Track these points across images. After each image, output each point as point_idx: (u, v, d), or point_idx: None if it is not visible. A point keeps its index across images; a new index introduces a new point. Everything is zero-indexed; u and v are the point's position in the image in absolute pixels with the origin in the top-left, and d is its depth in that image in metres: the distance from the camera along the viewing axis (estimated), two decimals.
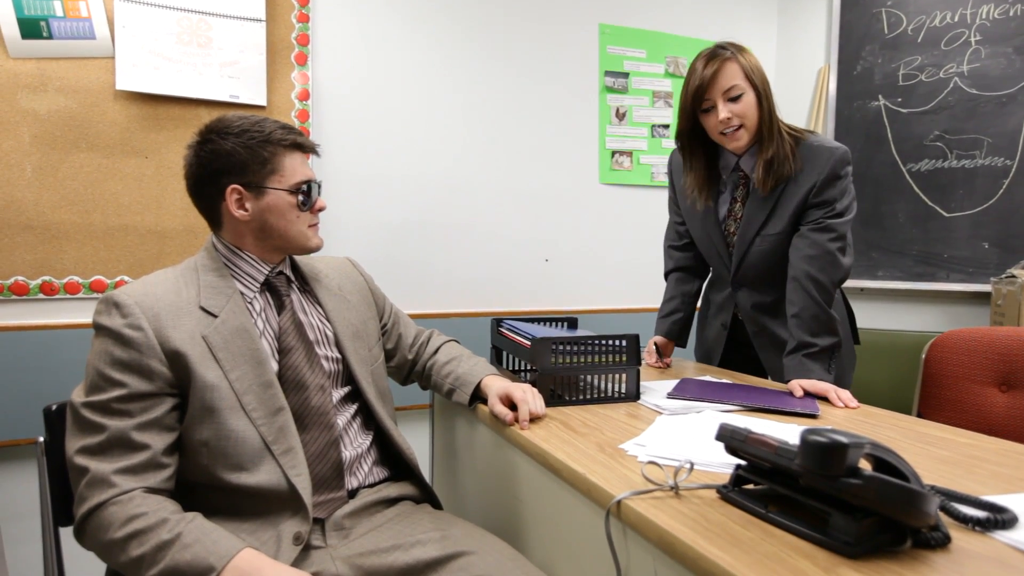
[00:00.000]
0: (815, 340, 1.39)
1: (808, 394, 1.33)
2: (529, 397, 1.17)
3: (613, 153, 2.69)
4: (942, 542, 0.66)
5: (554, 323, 1.63)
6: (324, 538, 1.02)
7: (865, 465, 0.66)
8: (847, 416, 1.22)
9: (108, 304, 0.97)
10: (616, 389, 1.31)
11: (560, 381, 1.27)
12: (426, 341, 1.40)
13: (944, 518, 0.71)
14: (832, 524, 0.65)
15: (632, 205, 2.74)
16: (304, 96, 2.14)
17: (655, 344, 1.74)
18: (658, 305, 1.82)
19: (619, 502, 0.78)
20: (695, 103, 1.43)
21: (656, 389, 1.38)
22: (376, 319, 1.29)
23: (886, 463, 0.67)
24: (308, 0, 2.13)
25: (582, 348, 1.28)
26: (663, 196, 2.89)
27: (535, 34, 2.53)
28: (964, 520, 0.71)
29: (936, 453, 0.98)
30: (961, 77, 2.46)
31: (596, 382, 1.34)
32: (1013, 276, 2.11)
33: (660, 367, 1.70)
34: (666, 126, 2.77)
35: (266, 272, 1.10)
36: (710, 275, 1.79)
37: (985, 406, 1.48)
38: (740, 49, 1.41)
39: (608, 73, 2.66)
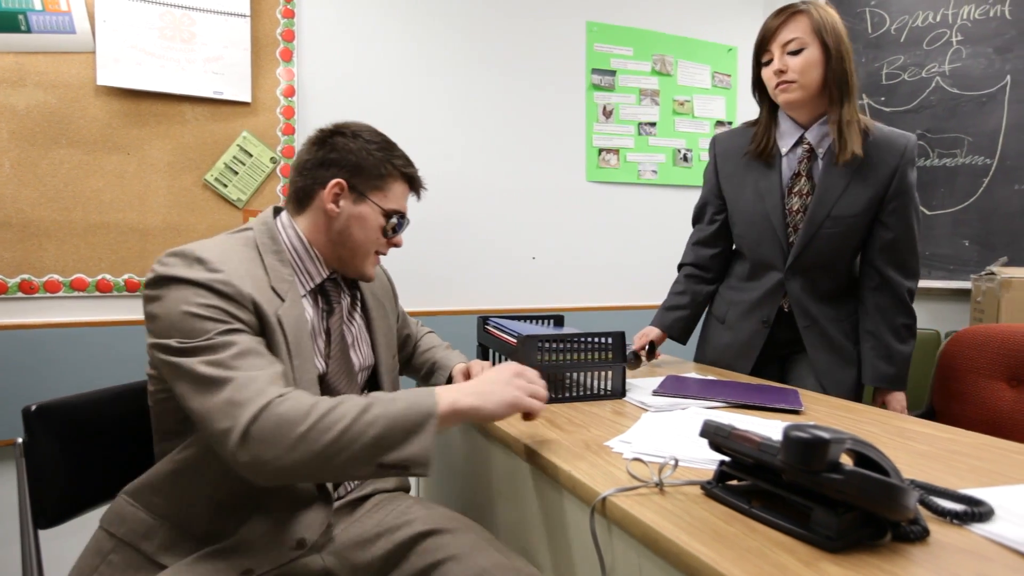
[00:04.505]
0: (903, 348, 1.43)
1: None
2: (480, 370, 1.22)
3: (600, 151, 2.69)
4: (921, 535, 0.67)
5: (540, 321, 1.63)
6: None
7: (846, 460, 0.67)
8: (829, 412, 1.23)
9: (187, 258, 0.92)
10: (602, 386, 1.31)
11: (546, 379, 1.26)
12: (416, 334, 1.46)
13: (923, 512, 0.72)
14: (814, 519, 0.66)
15: (619, 203, 2.75)
16: (289, 92, 2.12)
17: (651, 339, 1.62)
18: (645, 302, 1.82)
19: (604, 499, 0.78)
20: (757, 55, 1.41)
21: (642, 386, 1.38)
22: (395, 326, 1.32)
23: (867, 458, 0.68)
24: None
25: (568, 346, 1.28)
26: (650, 194, 2.92)
27: (522, 31, 2.52)
28: (942, 513, 0.72)
29: (916, 448, 0.99)
30: (943, 77, 2.49)
31: (582, 379, 1.34)
32: (992, 273, 2.14)
33: (642, 358, 1.59)
34: (653, 124, 2.78)
35: (324, 276, 1.09)
36: (740, 269, 1.63)
37: (993, 400, 1.50)
38: (818, 5, 1.33)
39: (595, 71, 2.66)
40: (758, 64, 1.43)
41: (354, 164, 1.06)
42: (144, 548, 0.93)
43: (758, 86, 1.48)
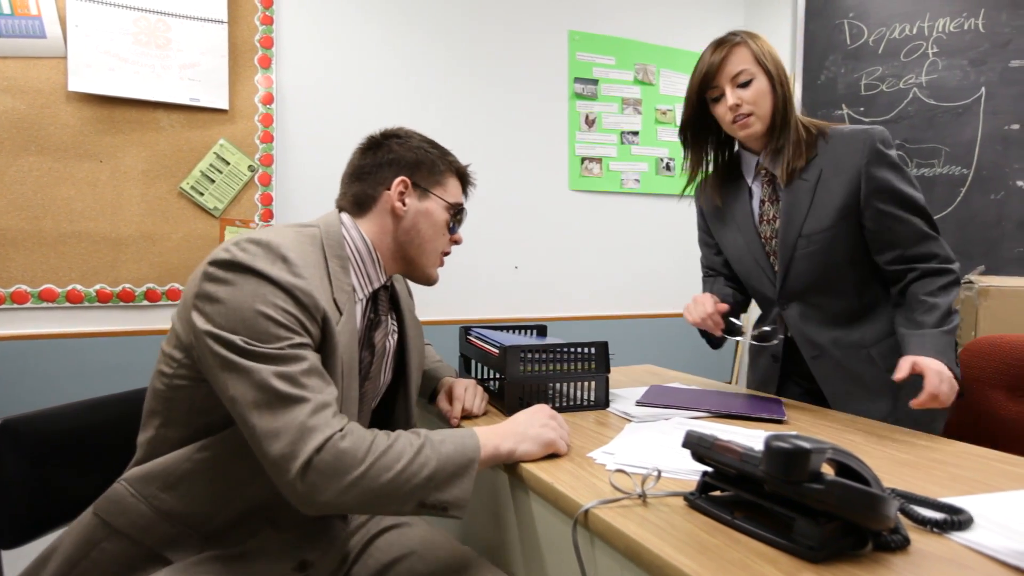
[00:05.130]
0: (935, 299, 1.21)
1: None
2: (465, 394, 1.22)
3: (583, 160, 2.70)
4: (901, 544, 0.67)
5: (523, 331, 1.61)
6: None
7: (828, 470, 0.67)
8: (812, 422, 1.23)
9: (272, 252, 0.88)
10: (585, 397, 1.30)
11: (529, 389, 1.26)
12: None
13: (904, 520, 0.72)
14: (796, 529, 0.66)
15: (602, 212, 2.75)
16: (268, 100, 2.10)
17: (716, 310, 1.36)
18: (628, 312, 1.80)
19: (586, 511, 0.77)
20: (701, 90, 1.35)
21: (625, 396, 1.38)
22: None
23: (848, 468, 0.68)
24: (272, 2, 2.10)
25: (551, 356, 1.26)
26: (632, 203, 2.93)
27: (504, 40, 2.53)
28: (922, 522, 0.72)
29: (897, 456, 0.99)
30: (920, 88, 2.54)
31: (565, 390, 1.33)
32: (970, 282, 2.17)
33: (739, 327, 1.40)
34: (635, 133, 2.79)
35: (382, 280, 1.08)
36: (754, 304, 1.55)
37: (993, 410, 1.48)
38: (752, 35, 1.32)
39: (578, 79, 2.67)
40: (699, 101, 1.36)
41: (414, 162, 1.08)
42: (144, 541, 0.90)
43: (693, 126, 1.41)
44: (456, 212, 1.13)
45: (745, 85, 1.29)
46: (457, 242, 1.16)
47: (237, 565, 0.91)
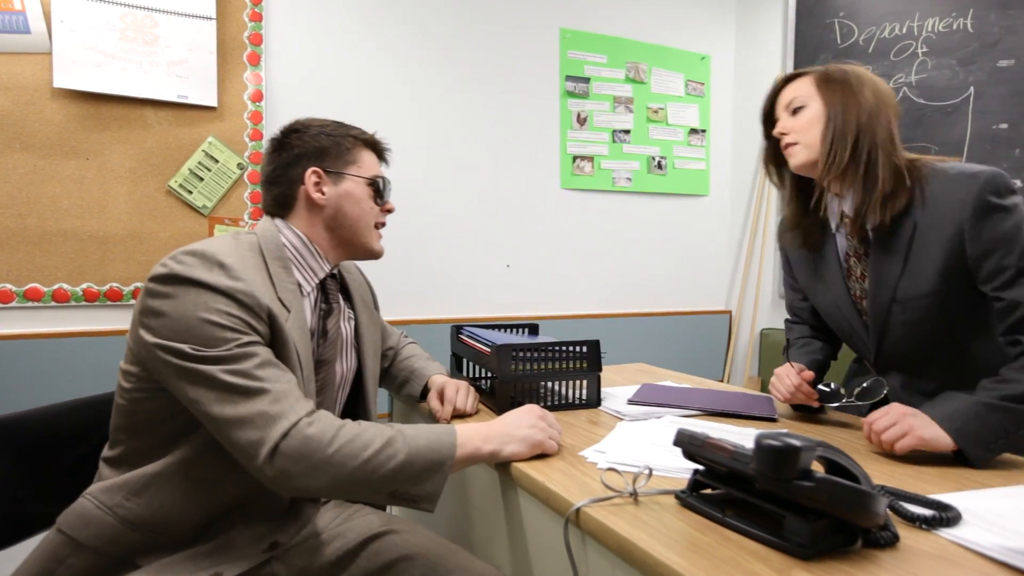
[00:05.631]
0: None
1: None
2: (456, 395, 1.22)
3: (574, 158, 2.70)
4: (891, 541, 0.67)
5: (515, 329, 1.61)
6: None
7: (818, 467, 0.67)
8: (803, 420, 1.23)
9: (207, 261, 0.90)
10: (577, 396, 1.30)
11: (521, 388, 1.25)
12: (399, 345, 1.44)
13: (893, 517, 0.72)
14: (786, 526, 0.66)
15: (593, 210, 2.75)
16: (257, 97, 2.08)
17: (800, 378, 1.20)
18: (620, 311, 1.78)
19: (578, 510, 0.77)
20: (765, 120, 1.25)
21: (617, 395, 1.38)
22: (380, 336, 1.31)
23: (838, 465, 0.68)
24: None
25: (543, 355, 1.26)
26: (624, 201, 2.93)
27: (495, 37, 2.52)
28: (911, 519, 0.72)
29: (887, 453, 0.99)
30: (909, 87, 2.55)
31: (557, 389, 1.33)
32: None
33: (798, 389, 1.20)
34: (627, 131, 2.80)
35: (327, 270, 1.10)
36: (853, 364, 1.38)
37: None
38: (837, 65, 1.16)
39: (569, 78, 2.67)
40: (766, 130, 1.26)
41: (318, 150, 1.08)
42: (111, 552, 0.90)
43: (772, 158, 1.28)
44: (376, 184, 1.13)
45: (796, 111, 1.17)
46: (389, 210, 1.17)
47: (206, 560, 0.91)
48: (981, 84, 2.40)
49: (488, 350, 1.28)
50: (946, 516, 0.71)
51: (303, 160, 1.07)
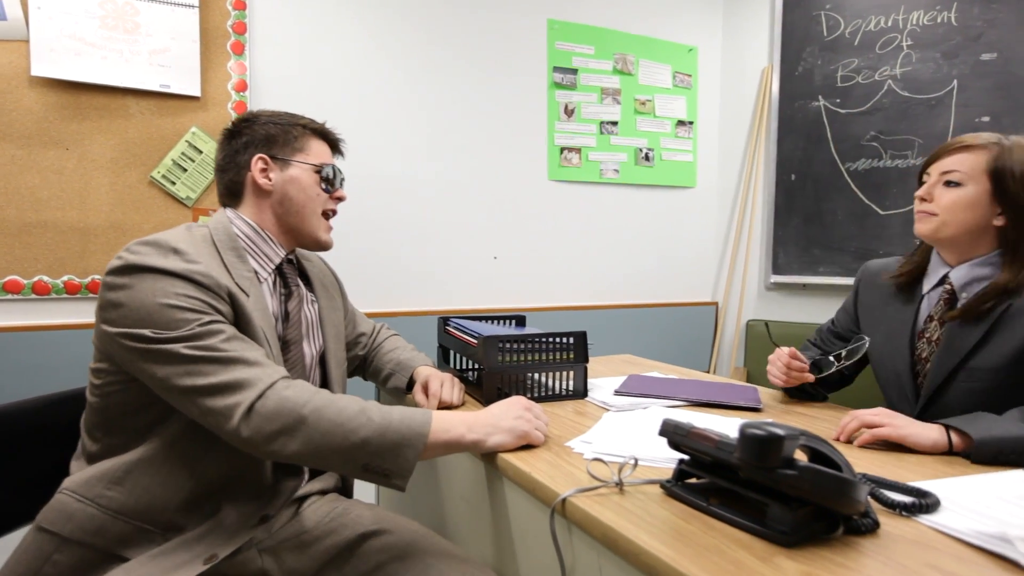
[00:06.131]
0: None
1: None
2: (441, 388, 1.22)
3: (562, 150, 2.69)
4: (871, 528, 0.68)
5: (502, 321, 1.61)
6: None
7: (801, 456, 0.68)
8: (787, 410, 1.25)
9: (161, 248, 0.91)
10: (564, 387, 1.31)
11: (507, 379, 1.25)
12: (376, 334, 1.44)
13: (874, 504, 0.73)
14: (770, 514, 0.67)
15: (581, 202, 2.75)
16: (241, 87, 2.06)
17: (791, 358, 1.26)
18: (607, 302, 1.78)
19: (564, 500, 0.78)
20: (920, 172, 1.23)
21: (604, 386, 1.38)
22: (344, 320, 1.31)
23: (820, 453, 0.69)
24: None
25: (530, 346, 1.26)
26: (612, 193, 2.93)
27: (483, 28, 2.50)
28: (891, 506, 0.73)
29: (870, 445, 1.00)
30: (894, 80, 2.57)
31: (544, 380, 1.33)
32: None
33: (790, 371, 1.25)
34: (614, 123, 2.79)
35: (282, 255, 1.11)
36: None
37: None
38: (1018, 144, 1.12)
39: (556, 69, 2.66)
40: (920, 177, 1.24)
41: (265, 137, 1.10)
42: (97, 544, 0.89)
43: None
44: (324, 172, 1.13)
45: (950, 185, 1.14)
46: (340, 199, 1.17)
47: (197, 545, 0.91)
48: (964, 77, 2.42)
49: (475, 342, 1.28)
50: (925, 503, 0.72)
51: (251, 147, 1.09)
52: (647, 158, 2.89)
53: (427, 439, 0.89)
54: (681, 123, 2.97)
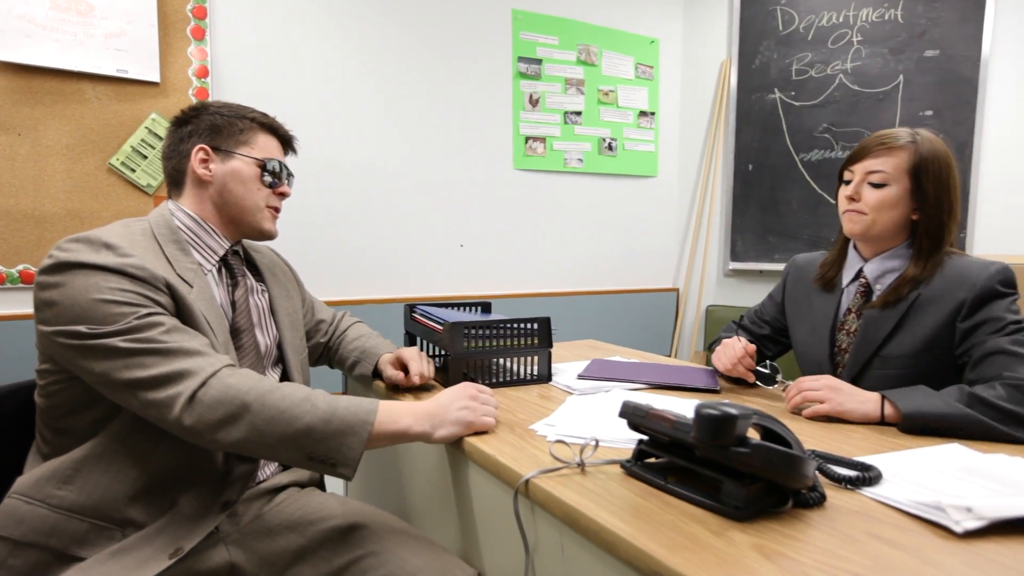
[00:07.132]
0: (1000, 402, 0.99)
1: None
2: (418, 357, 1.24)
3: (527, 139, 2.71)
4: (819, 501, 0.72)
5: (468, 308, 1.63)
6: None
7: (754, 435, 0.71)
8: (744, 391, 1.30)
9: (92, 244, 0.89)
10: (528, 371, 1.33)
11: (473, 365, 1.27)
12: (338, 322, 1.43)
13: (821, 479, 0.77)
14: (724, 491, 0.70)
15: (545, 191, 2.78)
16: (203, 73, 2.01)
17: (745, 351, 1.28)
18: (570, 289, 1.81)
19: (527, 481, 0.80)
20: (842, 169, 1.26)
21: (567, 371, 1.41)
22: (301, 309, 1.30)
23: (772, 432, 0.72)
24: None
25: (494, 332, 1.28)
26: (576, 182, 2.97)
27: (448, 17, 2.49)
28: (837, 480, 0.78)
29: (818, 420, 1.06)
30: (845, 74, 2.66)
31: (509, 365, 1.35)
32: None
33: (745, 364, 1.27)
34: (578, 113, 2.82)
35: (226, 247, 1.09)
36: None
37: None
38: (929, 141, 1.17)
39: (521, 59, 2.67)
40: (840, 175, 1.28)
41: (209, 127, 1.08)
42: (52, 544, 0.87)
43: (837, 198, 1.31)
44: (268, 166, 1.11)
45: (877, 186, 1.18)
46: (284, 195, 1.16)
47: (159, 539, 0.90)
48: (910, 73, 2.52)
49: (441, 328, 1.29)
50: (868, 476, 0.76)
51: (194, 136, 1.08)
52: (610, 148, 2.92)
53: (372, 428, 0.88)
54: (643, 114, 3.01)
